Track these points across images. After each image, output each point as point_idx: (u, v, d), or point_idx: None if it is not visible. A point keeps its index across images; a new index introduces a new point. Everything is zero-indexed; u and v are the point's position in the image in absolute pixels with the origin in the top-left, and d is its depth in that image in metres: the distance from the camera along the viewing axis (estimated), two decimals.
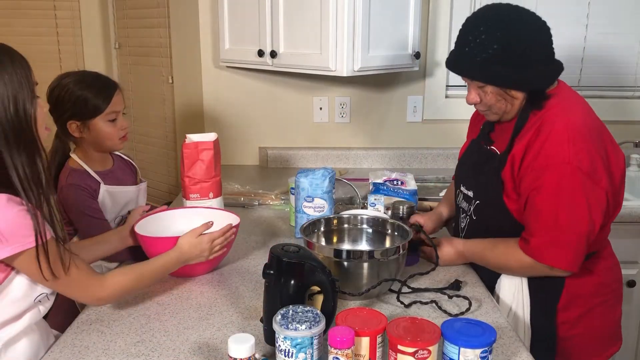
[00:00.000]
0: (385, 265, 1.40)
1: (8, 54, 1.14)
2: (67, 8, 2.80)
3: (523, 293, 1.48)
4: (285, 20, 2.26)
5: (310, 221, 1.57)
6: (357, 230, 1.62)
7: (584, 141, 1.35)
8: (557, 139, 1.35)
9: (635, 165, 2.66)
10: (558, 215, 1.35)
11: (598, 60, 2.67)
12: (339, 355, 1.03)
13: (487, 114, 1.51)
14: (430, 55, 2.64)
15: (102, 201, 1.72)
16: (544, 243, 1.37)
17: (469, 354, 1.06)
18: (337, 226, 1.62)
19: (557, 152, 1.34)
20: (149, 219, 1.62)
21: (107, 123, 1.69)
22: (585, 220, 1.35)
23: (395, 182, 2.10)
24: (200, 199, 1.79)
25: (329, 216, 1.67)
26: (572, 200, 1.34)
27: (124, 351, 1.20)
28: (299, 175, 1.85)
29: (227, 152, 2.80)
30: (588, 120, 1.41)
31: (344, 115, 2.73)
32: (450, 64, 1.47)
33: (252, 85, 2.70)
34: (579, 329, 1.48)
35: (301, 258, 1.18)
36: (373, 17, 2.18)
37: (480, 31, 1.36)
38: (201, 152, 1.77)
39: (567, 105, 1.42)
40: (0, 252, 1.10)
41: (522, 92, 1.41)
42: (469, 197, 1.57)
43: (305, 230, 1.52)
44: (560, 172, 1.34)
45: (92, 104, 1.66)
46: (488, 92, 1.42)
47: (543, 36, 1.39)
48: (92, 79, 1.71)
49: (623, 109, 2.70)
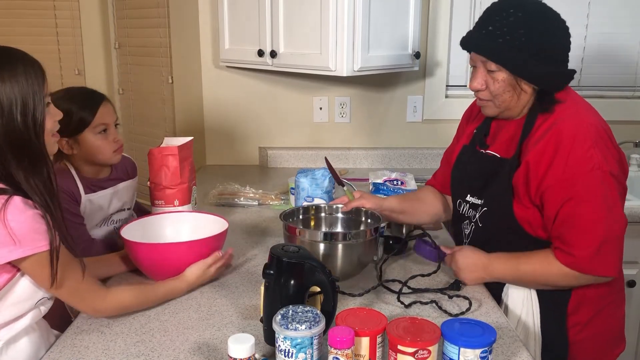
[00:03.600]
0: (357, 247, 1.50)
1: (22, 60, 1.14)
2: (67, 8, 2.79)
3: (532, 300, 1.46)
4: (285, 20, 2.26)
5: (290, 210, 1.66)
6: (333, 218, 1.70)
7: (606, 145, 1.35)
8: (581, 145, 1.33)
9: (635, 165, 2.66)
10: (598, 224, 1.33)
11: (598, 60, 2.67)
12: (339, 355, 1.03)
13: (487, 106, 1.45)
14: (430, 55, 2.64)
15: (83, 210, 1.67)
16: (590, 254, 1.34)
17: (469, 354, 1.06)
18: (314, 214, 1.71)
19: (585, 158, 1.32)
20: (135, 223, 1.60)
21: (96, 136, 1.62)
22: (622, 223, 1.36)
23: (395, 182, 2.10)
24: (164, 205, 1.75)
25: (306, 205, 1.79)
26: (608, 205, 1.33)
27: (124, 351, 1.20)
28: (299, 175, 1.85)
29: (227, 152, 2.80)
30: (602, 124, 1.40)
31: (344, 115, 2.73)
32: (466, 42, 1.42)
33: (252, 85, 2.70)
34: (589, 332, 1.47)
35: (301, 258, 1.18)
36: (373, 17, 2.18)
37: (509, 13, 1.35)
38: (166, 158, 1.73)
39: (579, 110, 1.40)
40: (12, 253, 1.10)
41: (532, 87, 1.39)
42: (477, 205, 1.51)
43: (286, 217, 1.60)
44: (592, 179, 1.32)
45: (77, 117, 1.60)
46: (498, 80, 1.38)
47: (565, 38, 1.39)
48: (76, 92, 1.66)
49: (623, 109, 2.70)
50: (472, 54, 1.42)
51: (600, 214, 1.33)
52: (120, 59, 2.78)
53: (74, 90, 1.68)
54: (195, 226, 1.64)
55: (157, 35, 2.51)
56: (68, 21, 2.81)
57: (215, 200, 2.19)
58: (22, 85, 1.12)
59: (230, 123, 2.75)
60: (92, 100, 1.65)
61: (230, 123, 2.75)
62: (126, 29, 2.70)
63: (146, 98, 2.66)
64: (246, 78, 2.69)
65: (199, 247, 1.48)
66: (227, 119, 2.75)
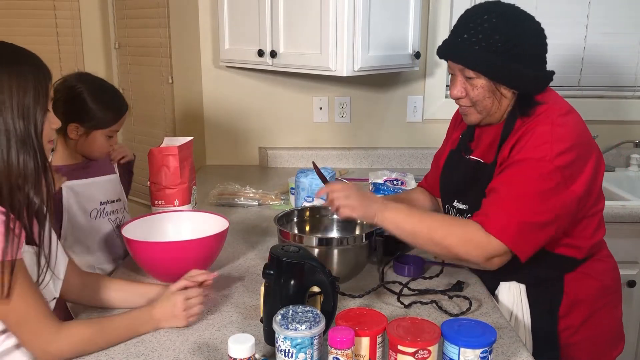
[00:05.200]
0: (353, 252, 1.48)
1: (35, 64, 1.13)
2: (67, 8, 2.79)
3: (522, 301, 1.46)
4: (285, 20, 2.26)
5: (284, 212, 1.62)
6: (329, 220, 1.68)
7: (571, 144, 1.30)
8: (541, 138, 1.30)
9: (635, 165, 2.66)
10: (519, 206, 1.28)
11: (598, 60, 2.67)
12: (339, 355, 1.03)
13: (469, 113, 1.44)
14: (430, 55, 2.64)
15: (67, 201, 1.66)
16: (503, 222, 1.28)
17: (469, 354, 1.06)
18: (309, 217, 1.68)
19: (538, 148, 1.29)
20: (137, 222, 1.60)
21: (104, 137, 1.68)
22: (544, 217, 1.28)
23: (395, 182, 2.10)
24: (164, 205, 1.75)
25: (300, 207, 1.75)
26: (540, 197, 1.28)
27: (124, 351, 1.20)
28: (299, 175, 1.85)
29: (227, 152, 2.80)
30: (579, 125, 1.37)
31: (344, 115, 2.73)
32: (442, 51, 1.41)
33: (252, 85, 2.70)
34: (583, 334, 1.46)
35: (301, 258, 1.18)
36: (373, 17, 2.18)
37: (483, 19, 1.33)
38: (166, 158, 1.74)
39: (556, 111, 1.37)
40: None
41: (512, 92, 1.38)
42: (463, 210, 1.52)
43: (280, 220, 1.57)
44: (534, 168, 1.28)
45: (101, 120, 1.64)
46: (477, 86, 1.37)
47: (541, 40, 1.38)
48: (110, 96, 1.70)
49: (623, 109, 2.70)
50: (449, 62, 1.41)
51: (525, 199, 1.28)
52: (120, 59, 2.78)
53: (107, 92, 1.71)
54: (196, 225, 1.64)
55: (157, 35, 2.51)
56: (68, 21, 2.81)
57: (215, 200, 2.19)
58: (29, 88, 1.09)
59: (230, 123, 2.75)
60: (120, 108, 1.70)
61: (230, 123, 2.75)
62: (126, 29, 2.70)
63: (146, 98, 2.66)
64: (246, 78, 2.69)
65: (200, 245, 1.49)
66: (227, 119, 2.75)
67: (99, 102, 1.64)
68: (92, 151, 1.70)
